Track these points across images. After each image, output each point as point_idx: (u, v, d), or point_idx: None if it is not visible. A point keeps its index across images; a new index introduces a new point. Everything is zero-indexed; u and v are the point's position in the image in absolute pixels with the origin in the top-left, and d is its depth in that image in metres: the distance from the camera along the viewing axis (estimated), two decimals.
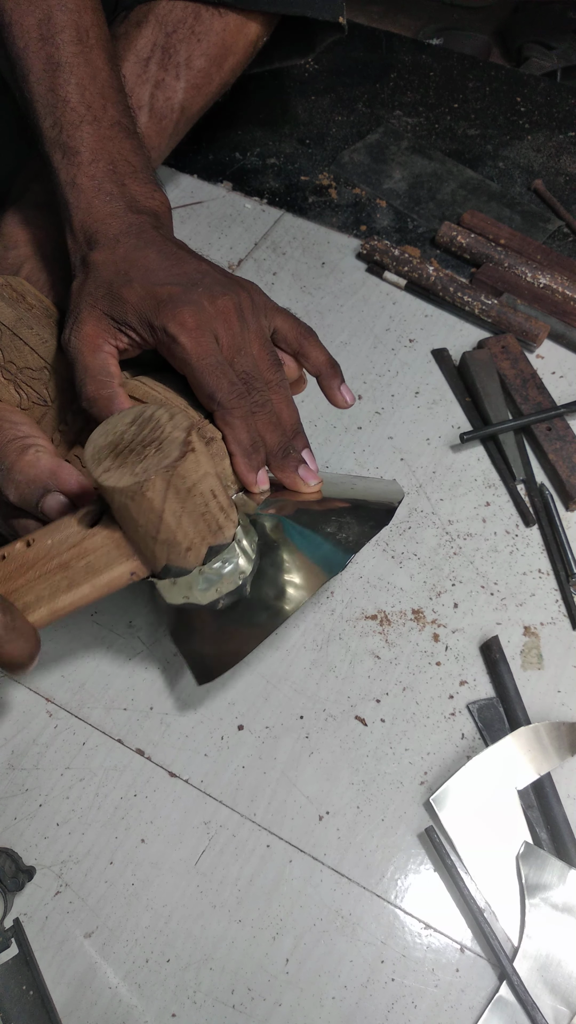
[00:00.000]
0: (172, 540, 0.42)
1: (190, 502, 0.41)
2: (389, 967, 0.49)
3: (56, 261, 0.60)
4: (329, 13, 0.70)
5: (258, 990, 0.48)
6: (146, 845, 0.52)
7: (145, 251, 0.50)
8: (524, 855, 0.51)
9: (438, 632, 0.61)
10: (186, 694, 0.57)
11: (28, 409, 0.55)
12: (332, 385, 0.54)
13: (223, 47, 0.68)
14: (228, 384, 0.48)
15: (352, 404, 0.55)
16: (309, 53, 0.77)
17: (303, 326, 0.54)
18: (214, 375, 0.48)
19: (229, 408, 0.48)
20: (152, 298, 0.48)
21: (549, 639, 0.60)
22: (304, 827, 0.53)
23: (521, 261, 0.80)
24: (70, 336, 0.50)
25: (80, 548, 0.43)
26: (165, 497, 0.40)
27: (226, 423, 0.49)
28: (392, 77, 1.02)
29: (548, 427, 0.69)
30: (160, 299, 0.48)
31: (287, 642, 0.60)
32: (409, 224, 0.87)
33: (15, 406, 0.55)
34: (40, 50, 0.53)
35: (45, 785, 0.54)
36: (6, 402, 0.55)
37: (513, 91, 1.01)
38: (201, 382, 0.48)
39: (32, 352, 0.55)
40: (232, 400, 0.48)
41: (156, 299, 0.48)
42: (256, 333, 0.51)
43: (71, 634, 0.60)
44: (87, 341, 0.49)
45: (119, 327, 0.49)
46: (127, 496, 0.39)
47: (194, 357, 0.47)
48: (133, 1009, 0.48)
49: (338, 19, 0.71)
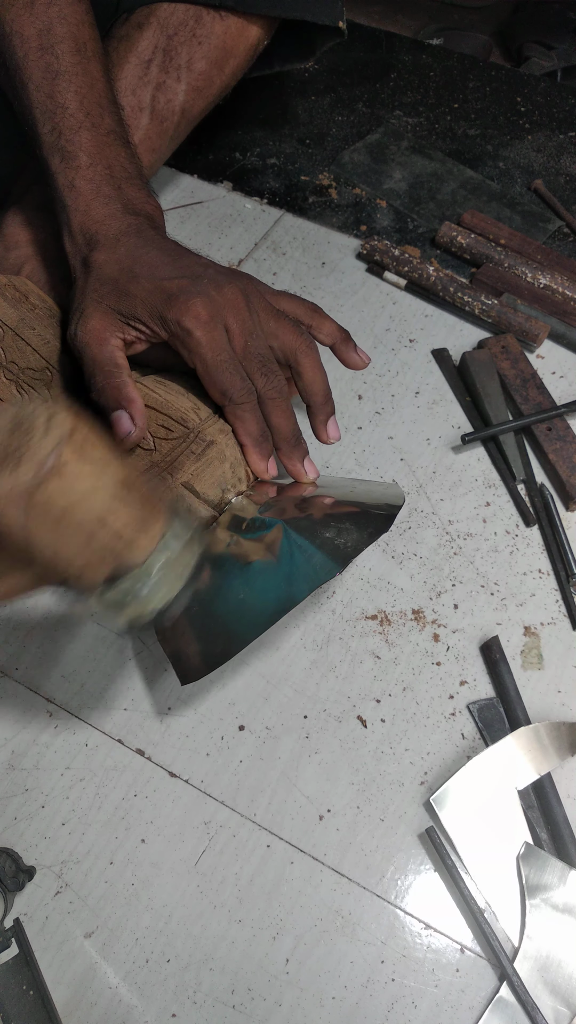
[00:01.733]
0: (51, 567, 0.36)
1: (66, 527, 0.35)
2: (389, 967, 0.49)
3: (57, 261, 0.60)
4: (329, 18, 0.70)
5: (258, 990, 0.48)
6: (146, 845, 0.52)
7: (147, 249, 0.51)
8: (524, 855, 0.51)
9: (438, 632, 0.61)
10: (186, 694, 0.57)
11: None
12: (347, 349, 0.57)
13: (224, 50, 0.68)
14: (239, 380, 0.50)
15: (368, 362, 0.57)
16: (309, 57, 0.78)
17: (308, 302, 0.56)
18: (226, 372, 0.49)
19: (239, 403, 0.50)
20: (161, 292, 0.49)
21: (549, 639, 0.60)
22: (304, 827, 0.53)
23: (521, 261, 0.80)
24: (76, 330, 0.51)
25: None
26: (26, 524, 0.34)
27: (237, 416, 0.51)
28: (392, 77, 1.02)
29: (548, 427, 0.69)
30: (170, 292, 0.49)
31: (287, 642, 0.60)
32: (409, 224, 0.87)
33: None
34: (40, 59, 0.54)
35: (45, 785, 0.54)
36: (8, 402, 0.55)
37: (513, 91, 1.01)
38: (214, 378, 0.49)
39: (34, 353, 0.55)
40: (242, 395, 0.50)
41: (166, 293, 0.49)
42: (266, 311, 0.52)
43: (71, 634, 0.60)
44: (94, 335, 0.50)
45: (127, 321, 0.50)
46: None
47: (208, 352, 0.49)
48: (133, 1009, 0.48)
49: (338, 23, 0.71)
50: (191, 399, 0.53)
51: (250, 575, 0.50)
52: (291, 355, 0.52)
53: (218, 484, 0.53)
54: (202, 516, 0.53)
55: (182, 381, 0.54)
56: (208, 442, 0.51)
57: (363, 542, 0.50)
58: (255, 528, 0.52)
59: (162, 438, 0.51)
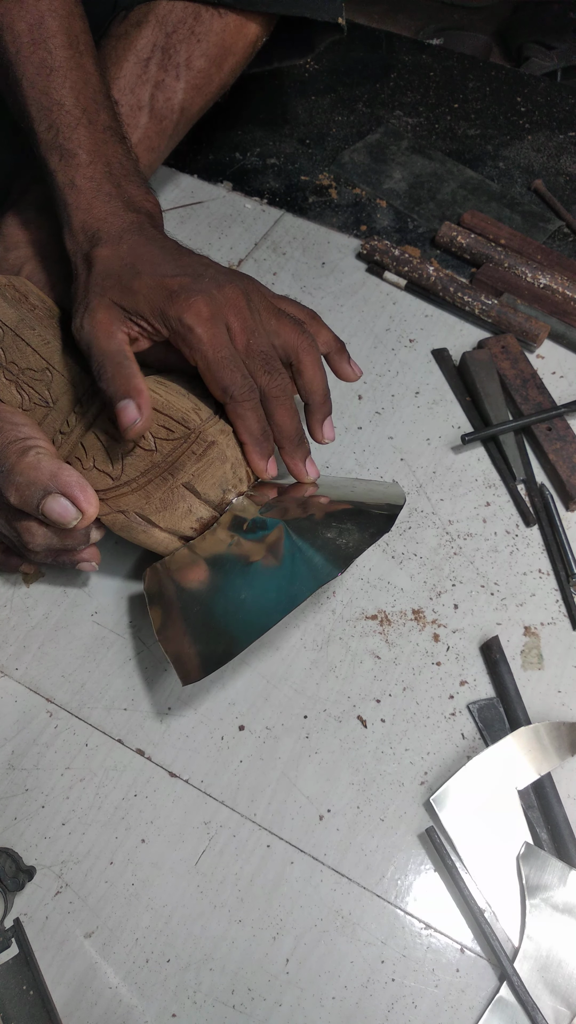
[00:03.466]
0: None
1: None
2: (389, 967, 0.49)
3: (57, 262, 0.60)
4: (328, 14, 0.70)
5: (258, 990, 0.48)
6: (146, 845, 0.52)
7: (149, 246, 0.51)
8: (524, 855, 0.51)
9: (438, 632, 0.61)
10: (186, 694, 0.57)
11: (30, 410, 0.55)
12: (341, 360, 0.57)
13: (223, 47, 0.68)
14: (241, 377, 0.50)
15: (360, 376, 0.58)
16: (309, 53, 0.77)
17: (307, 308, 0.57)
18: (228, 369, 0.49)
19: (240, 400, 0.50)
20: (163, 288, 0.49)
21: (549, 639, 0.60)
22: (304, 827, 0.53)
23: (521, 261, 0.80)
24: (82, 323, 0.50)
25: None
26: None
27: (238, 415, 0.51)
28: (392, 77, 1.02)
29: (548, 427, 0.69)
30: (172, 289, 0.49)
31: (287, 642, 0.60)
32: (409, 224, 0.87)
33: (17, 407, 0.55)
34: (32, 54, 0.54)
35: (45, 785, 0.54)
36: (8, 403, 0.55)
37: (513, 91, 1.01)
38: (216, 375, 0.49)
39: (34, 353, 0.55)
40: (244, 393, 0.50)
41: (168, 289, 0.49)
42: (267, 310, 0.52)
43: (71, 634, 0.60)
44: (101, 327, 0.50)
45: (129, 316, 0.50)
46: None
47: (209, 349, 0.49)
48: (133, 1009, 0.48)
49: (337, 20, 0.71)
50: (192, 399, 0.53)
51: (251, 576, 0.50)
52: (292, 353, 0.52)
53: (219, 484, 0.53)
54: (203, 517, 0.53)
55: (182, 382, 0.54)
56: (209, 442, 0.51)
57: (364, 542, 0.50)
58: (256, 529, 0.52)
59: (163, 438, 0.51)
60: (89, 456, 0.53)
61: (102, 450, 0.53)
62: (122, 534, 0.54)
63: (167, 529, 0.53)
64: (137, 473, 0.52)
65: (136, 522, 0.53)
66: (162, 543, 0.54)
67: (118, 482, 0.52)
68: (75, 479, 0.48)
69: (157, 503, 0.52)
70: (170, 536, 0.54)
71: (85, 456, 0.53)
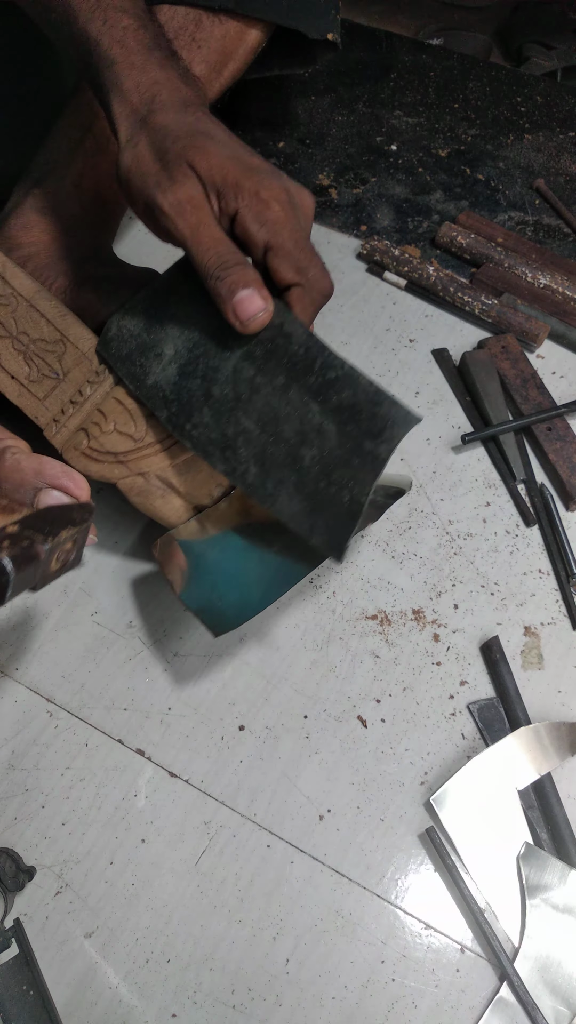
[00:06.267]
0: None
1: None
2: (389, 967, 0.49)
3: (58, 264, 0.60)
4: (318, 31, 0.70)
5: (258, 990, 0.48)
6: (146, 845, 0.52)
7: (217, 124, 0.49)
8: (524, 855, 0.51)
9: (438, 632, 0.61)
10: (186, 694, 0.57)
11: (38, 382, 0.55)
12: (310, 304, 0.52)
13: (223, 54, 0.68)
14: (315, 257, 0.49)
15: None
16: (310, 65, 0.77)
17: None
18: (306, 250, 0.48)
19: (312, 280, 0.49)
20: (241, 162, 0.47)
21: (549, 639, 0.60)
22: (304, 827, 0.53)
23: (521, 261, 0.80)
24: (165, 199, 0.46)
25: None
26: None
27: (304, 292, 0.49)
28: (392, 77, 1.02)
29: (548, 427, 0.69)
30: (251, 166, 0.47)
31: (287, 642, 0.60)
32: (409, 224, 0.87)
33: (24, 378, 0.55)
34: None
35: (45, 785, 0.54)
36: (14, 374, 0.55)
37: (513, 91, 1.01)
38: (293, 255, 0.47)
39: (49, 324, 0.54)
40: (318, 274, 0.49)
41: (246, 164, 0.47)
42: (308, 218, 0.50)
43: (71, 634, 0.60)
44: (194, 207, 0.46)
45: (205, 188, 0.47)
46: None
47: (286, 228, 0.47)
48: (133, 1009, 0.48)
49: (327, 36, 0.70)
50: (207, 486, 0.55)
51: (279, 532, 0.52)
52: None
53: None
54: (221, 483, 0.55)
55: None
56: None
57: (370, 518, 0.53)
58: None
59: None
60: (109, 420, 0.53)
61: (124, 412, 0.53)
62: (136, 500, 0.54)
63: (185, 495, 0.54)
64: (164, 434, 0.52)
65: (155, 486, 0.53)
66: (176, 511, 0.55)
67: (141, 443, 0.53)
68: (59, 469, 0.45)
69: (181, 465, 0.52)
70: (185, 504, 0.55)
71: (104, 420, 0.53)
